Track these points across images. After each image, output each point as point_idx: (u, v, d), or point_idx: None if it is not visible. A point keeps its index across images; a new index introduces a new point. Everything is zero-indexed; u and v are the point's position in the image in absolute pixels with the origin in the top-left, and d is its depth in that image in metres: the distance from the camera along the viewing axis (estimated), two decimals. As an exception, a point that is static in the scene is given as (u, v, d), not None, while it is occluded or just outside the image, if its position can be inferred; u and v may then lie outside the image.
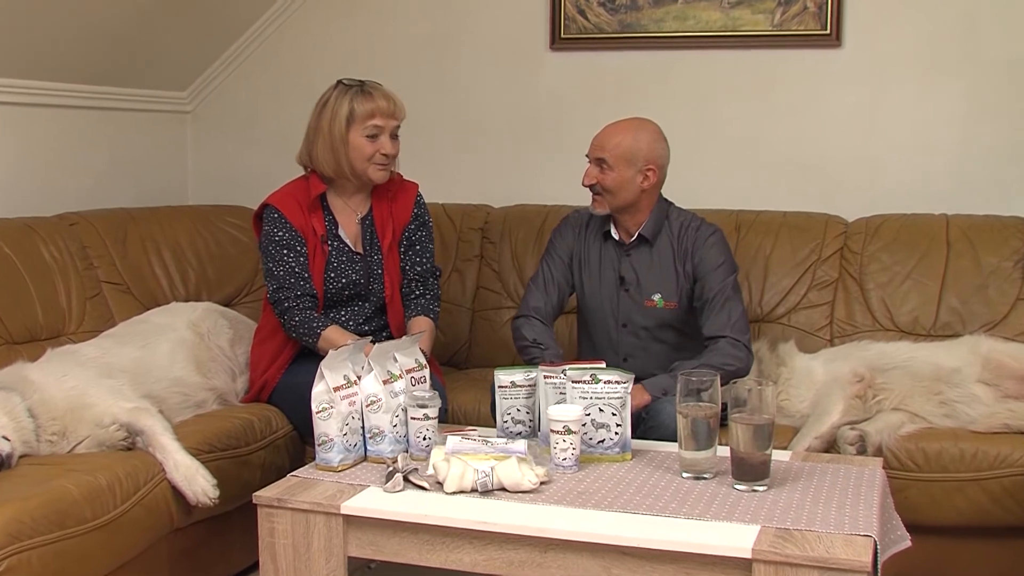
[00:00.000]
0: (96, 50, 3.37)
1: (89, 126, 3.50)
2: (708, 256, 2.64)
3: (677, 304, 2.68)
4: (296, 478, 2.18)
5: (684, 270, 2.67)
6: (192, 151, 4.00)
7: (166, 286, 3.23)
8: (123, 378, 2.57)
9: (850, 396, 2.72)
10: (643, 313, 2.70)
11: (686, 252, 2.67)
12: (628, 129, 2.64)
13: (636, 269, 2.70)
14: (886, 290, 3.07)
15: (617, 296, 2.72)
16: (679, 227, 2.70)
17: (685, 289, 2.67)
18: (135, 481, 2.27)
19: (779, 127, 3.43)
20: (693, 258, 2.66)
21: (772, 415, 2.06)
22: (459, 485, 2.03)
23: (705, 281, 2.62)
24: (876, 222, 3.17)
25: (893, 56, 3.30)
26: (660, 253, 2.69)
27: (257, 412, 2.76)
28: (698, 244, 2.66)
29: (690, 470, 2.13)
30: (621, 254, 2.73)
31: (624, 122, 2.67)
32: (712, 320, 2.57)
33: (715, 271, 2.62)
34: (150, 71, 3.67)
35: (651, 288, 2.69)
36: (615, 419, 2.22)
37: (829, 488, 2.07)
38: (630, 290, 2.71)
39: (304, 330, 2.71)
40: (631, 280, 2.71)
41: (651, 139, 2.64)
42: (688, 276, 2.67)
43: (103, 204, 3.35)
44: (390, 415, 2.25)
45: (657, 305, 2.68)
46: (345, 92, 2.74)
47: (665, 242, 2.69)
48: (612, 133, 2.64)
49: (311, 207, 2.79)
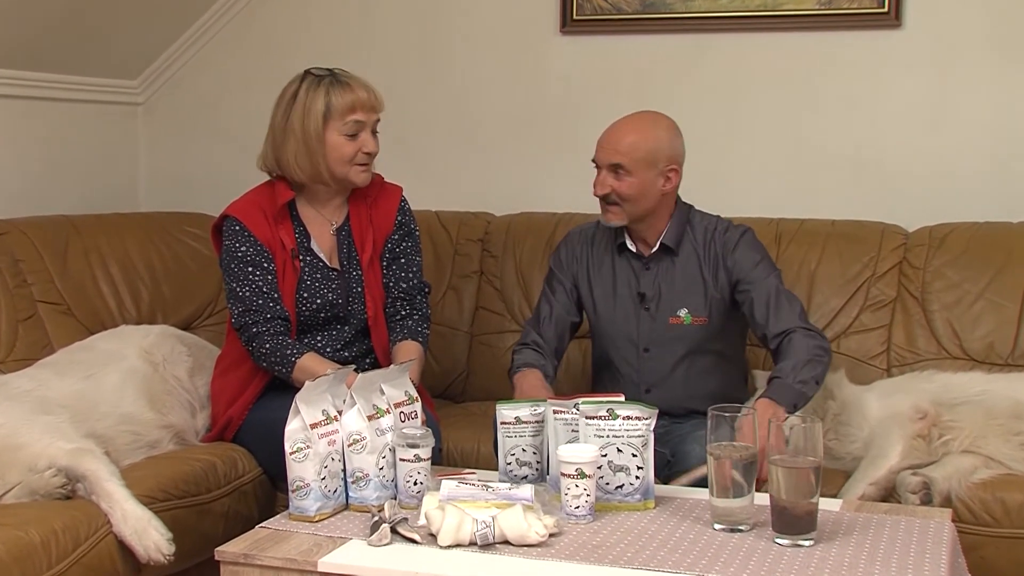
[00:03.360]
0: (30, 30, 3.39)
1: (22, 119, 3.52)
2: (743, 257, 2.69)
3: (707, 319, 2.72)
4: (266, 530, 2.20)
5: (715, 279, 2.71)
6: (144, 149, 4.04)
7: (114, 306, 3.26)
8: (62, 414, 2.58)
9: (911, 436, 2.73)
10: (668, 333, 2.73)
11: (716, 258, 2.71)
12: (642, 126, 2.67)
13: (658, 283, 2.74)
14: (954, 312, 3.09)
15: (636, 317, 2.76)
16: (704, 231, 2.74)
17: (716, 300, 2.71)
18: (74, 536, 2.28)
19: (827, 121, 3.46)
20: (726, 262, 2.70)
21: (819, 457, 2.07)
22: (455, 538, 2.05)
23: (748, 281, 2.67)
24: (942, 232, 3.20)
25: (962, 37, 3.32)
26: (685, 262, 2.73)
27: (220, 453, 2.78)
28: (728, 246, 2.71)
29: (723, 521, 2.15)
30: (640, 268, 2.77)
31: (634, 118, 2.70)
32: (775, 317, 2.60)
33: (756, 268, 2.68)
34: (95, 56, 3.70)
35: (676, 303, 2.73)
36: (636, 461, 2.24)
37: (887, 545, 2.08)
38: (651, 308, 2.75)
39: (276, 358, 2.74)
40: (652, 296, 2.74)
41: (670, 135, 2.68)
42: (720, 285, 2.71)
43: (39, 210, 3.36)
44: (376, 456, 2.27)
45: (684, 322, 2.72)
46: (318, 84, 2.77)
47: (689, 249, 2.74)
48: (624, 132, 2.66)
49: (278, 217, 2.82)
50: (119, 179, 3.94)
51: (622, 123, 2.68)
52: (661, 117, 2.71)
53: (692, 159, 2.77)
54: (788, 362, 2.51)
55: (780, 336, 2.58)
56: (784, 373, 2.49)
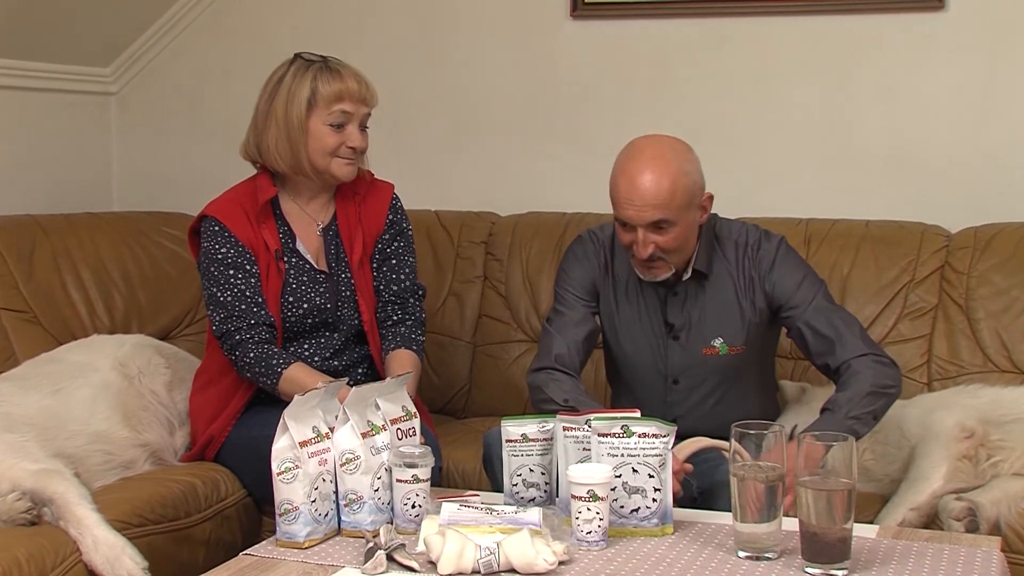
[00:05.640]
0: (-6, 14, 3.41)
1: (-15, 110, 3.55)
2: (783, 277, 2.65)
3: (744, 347, 2.69)
4: (251, 557, 2.20)
5: (752, 304, 2.67)
6: (117, 143, 4.06)
7: (85, 315, 3.28)
8: (27, 433, 2.59)
9: (956, 456, 2.73)
10: (700, 364, 2.70)
11: (751, 281, 2.67)
12: (666, 162, 2.51)
13: (688, 311, 2.69)
14: (1001, 320, 3.09)
15: (664, 347, 2.72)
16: (735, 248, 2.69)
17: (754, 325, 2.68)
18: (40, 565, 2.28)
19: (862, 113, 3.47)
20: (764, 285, 2.66)
21: (853, 479, 2.08)
22: (457, 565, 2.06)
23: (793, 306, 2.63)
24: (988, 233, 3.20)
25: (1013, 19, 3.32)
26: (717, 286, 2.68)
27: (201, 474, 2.79)
28: (764, 265, 2.66)
29: (748, 548, 2.15)
30: (667, 294, 2.70)
31: (652, 158, 2.52)
32: (836, 345, 2.56)
33: (799, 289, 2.63)
34: (64, 41, 3.71)
35: (710, 332, 2.68)
36: (652, 482, 2.24)
37: (929, 575, 2.08)
38: (681, 338, 2.70)
39: (261, 368, 2.75)
40: (682, 325, 2.70)
41: (692, 158, 2.57)
42: (758, 309, 2.67)
43: (2, 210, 3.37)
44: (370, 477, 2.28)
45: (720, 352, 2.68)
46: (306, 69, 2.80)
47: (722, 271, 2.68)
48: (656, 178, 2.49)
49: (260, 216, 2.84)
50: (90, 175, 3.95)
51: (644, 167, 2.51)
52: (673, 142, 2.58)
53: (714, 157, 2.76)
54: (846, 393, 2.48)
55: (843, 365, 2.55)
56: (837, 406, 2.46)
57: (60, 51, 3.74)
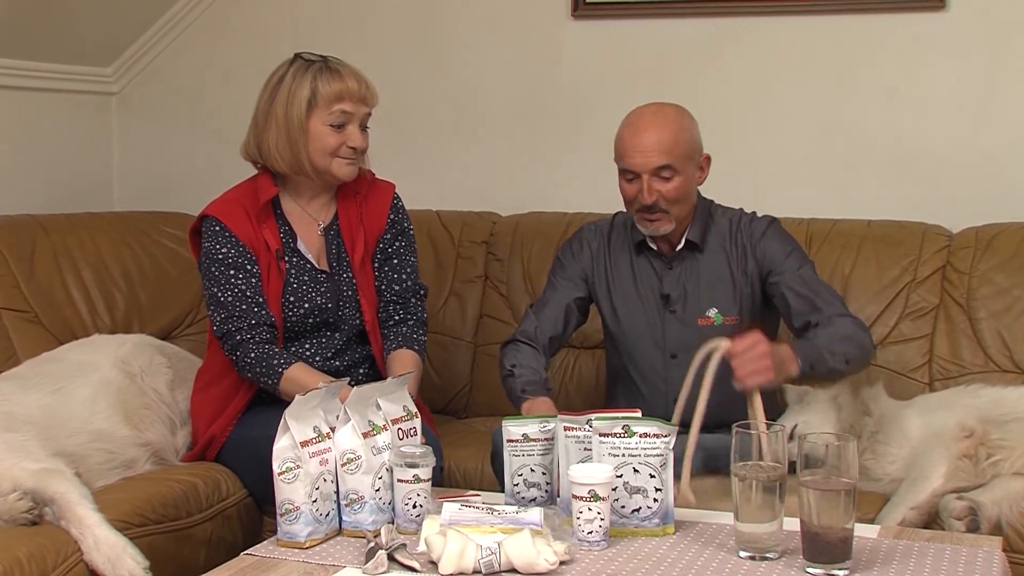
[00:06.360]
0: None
1: (-14, 110, 3.55)
2: (772, 246, 2.77)
3: (738, 317, 2.76)
4: (252, 557, 2.21)
5: (744, 273, 2.78)
6: (118, 143, 4.06)
7: (86, 314, 3.28)
8: (28, 432, 2.59)
9: (956, 456, 2.73)
10: (697, 336, 2.72)
11: (743, 251, 2.78)
12: (670, 118, 2.72)
13: (683, 282, 2.79)
14: (1002, 320, 3.10)
15: (662, 320, 2.80)
16: (728, 224, 2.82)
17: (746, 295, 2.78)
18: (41, 565, 2.28)
19: (863, 113, 3.47)
20: (755, 254, 2.77)
21: (854, 478, 2.08)
22: (458, 565, 2.06)
23: (780, 271, 2.74)
24: (989, 233, 3.21)
25: (1014, 19, 3.33)
26: (710, 259, 2.79)
27: (202, 474, 2.80)
28: (755, 237, 2.79)
29: (748, 548, 2.15)
30: (662, 267, 2.82)
31: (656, 113, 2.73)
32: (816, 305, 2.67)
33: (788, 258, 2.75)
34: (65, 41, 3.72)
35: (705, 303, 2.78)
36: (653, 482, 2.25)
37: (930, 575, 2.08)
38: (677, 310, 2.79)
39: (262, 369, 2.76)
40: (678, 297, 2.80)
41: (695, 123, 2.75)
42: (750, 278, 2.78)
43: (3, 209, 3.38)
44: (371, 477, 2.29)
45: (714, 322, 2.77)
46: (306, 69, 2.81)
47: (715, 244, 2.80)
48: (659, 129, 2.68)
49: (261, 215, 2.85)
50: (91, 175, 3.96)
51: (649, 121, 2.71)
52: (677, 106, 2.76)
53: (716, 154, 2.79)
54: (825, 331, 2.60)
55: (824, 319, 2.64)
56: (814, 337, 2.59)
57: (61, 51, 3.74)
